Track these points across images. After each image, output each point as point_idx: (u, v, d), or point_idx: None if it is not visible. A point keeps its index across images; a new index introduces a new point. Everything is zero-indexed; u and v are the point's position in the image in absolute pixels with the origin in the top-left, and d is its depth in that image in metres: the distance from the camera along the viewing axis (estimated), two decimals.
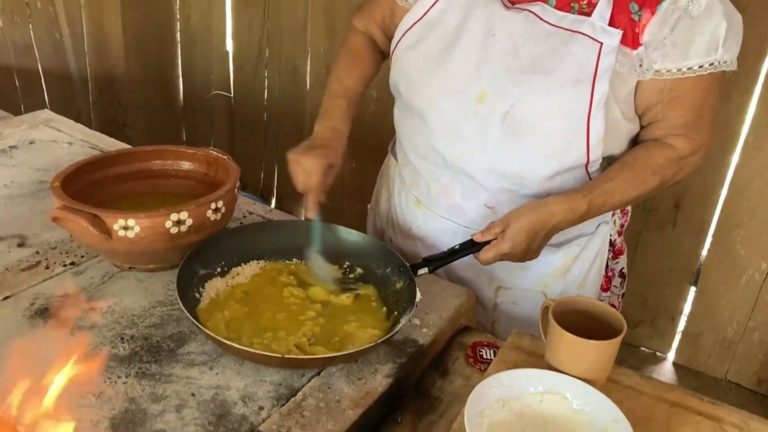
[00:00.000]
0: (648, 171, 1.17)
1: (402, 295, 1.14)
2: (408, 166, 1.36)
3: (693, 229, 2.35)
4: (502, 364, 1.02)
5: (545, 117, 1.14)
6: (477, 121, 1.18)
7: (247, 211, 1.45)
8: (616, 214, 1.36)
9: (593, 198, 1.15)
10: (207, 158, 1.35)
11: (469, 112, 1.18)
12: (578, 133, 1.13)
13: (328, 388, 1.01)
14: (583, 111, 1.11)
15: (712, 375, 2.49)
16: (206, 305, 1.11)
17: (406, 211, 1.40)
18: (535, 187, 1.21)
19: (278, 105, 3.03)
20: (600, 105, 1.10)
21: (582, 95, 1.10)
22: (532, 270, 1.31)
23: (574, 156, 1.15)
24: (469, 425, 0.84)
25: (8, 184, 1.49)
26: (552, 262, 1.31)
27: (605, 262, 1.38)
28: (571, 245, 1.31)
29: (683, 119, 1.15)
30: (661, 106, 1.14)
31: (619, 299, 1.46)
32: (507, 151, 1.18)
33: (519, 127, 1.15)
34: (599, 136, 1.13)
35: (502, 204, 1.25)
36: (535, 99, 1.13)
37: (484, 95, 1.16)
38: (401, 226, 1.41)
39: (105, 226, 1.10)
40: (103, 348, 1.04)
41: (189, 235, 1.15)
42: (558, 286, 1.34)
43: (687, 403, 0.98)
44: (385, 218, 1.50)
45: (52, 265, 1.22)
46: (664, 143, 1.18)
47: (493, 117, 1.16)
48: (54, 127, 1.78)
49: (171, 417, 0.93)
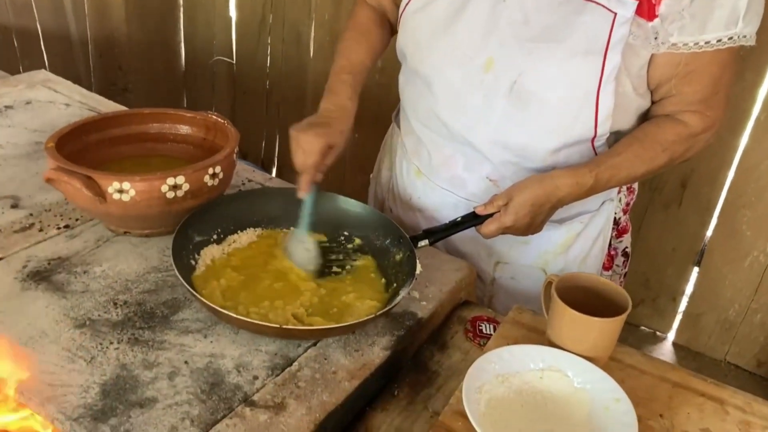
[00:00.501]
0: (658, 147, 1.14)
1: (401, 267, 1.12)
2: (411, 135, 1.33)
3: (699, 208, 2.33)
4: (502, 339, 1.00)
5: (553, 88, 1.10)
6: (483, 90, 1.15)
7: (246, 179, 1.42)
8: (622, 192, 1.33)
9: (600, 172, 1.12)
10: (206, 122, 1.32)
11: (475, 80, 1.15)
12: (586, 107, 1.09)
13: (325, 359, 0.99)
14: (592, 84, 1.07)
15: (711, 356, 2.48)
16: (202, 272, 1.09)
17: (407, 180, 1.37)
18: (539, 160, 1.17)
19: (281, 73, 2.99)
20: (610, 78, 1.07)
21: (592, 67, 1.06)
22: (533, 246, 1.29)
23: (581, 130, 1.12)
24: (467, 401, 0.82)
25: (3, 145, 1.46)
26: (553, 239, 1.29)
27: (608, 241, 1.35)
28: (573, 222, 1.28)
29: (698, 95, 1.11)
30: (675, 81, 1.10)
31: (621, 279, 1.43)
32: (512, 123, 1.15)
33: (525, 98, 1.12)
34: (608, 110, 1.10)
35: (504, 177, 1.22)
36: (543, 69, 1.09)
37: (490, 63, 1.13)
38: (401, 196, 1.39)
39: (99, 189, 1.07)
40: (95, 313, 1.02)
41: (185, 200, 1.12)
42: (558, 263, 1.31)
43: (689, 384, 0.97)
44: (385, 188, 1.47)
45: (46, 228, 1.20)
46: (676, 119, 1.14)
47: (500, 86, 1.13)
48: (51, 88, 1.75)
49: (163, 384, 0.91)
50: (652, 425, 0.89)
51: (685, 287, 2.48)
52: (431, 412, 0.97)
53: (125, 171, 1.14)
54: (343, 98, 1.21)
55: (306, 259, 1.14)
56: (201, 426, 0.86)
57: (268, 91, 3.06)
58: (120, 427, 0.84)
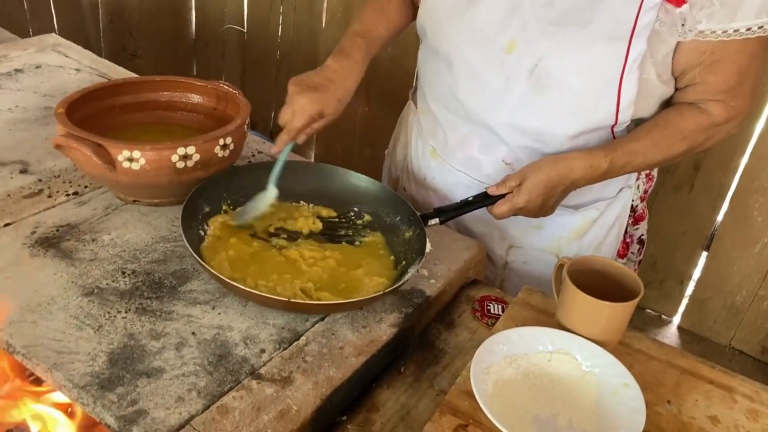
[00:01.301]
0: (677, 135, 1.11)
1: (411, 245, 1.11)
2: (427, 114, 1.31)
3: (710, 192, 2.31)
4: (510, 320, 1.00)
5: (574, 74, 1.08)
6: (503, 72, 1.12)
7: (256, 150, 1.41)
8: (641, 179, 1.30)
9: (616, 157, 1.10)
10: (217, 92, 1.30)
11: (496, 61, 1.12)
12: (608, 94, 1.07)
13: (332, 334, 0.99)
14: (615, 70, 1.05)
15: (716, 341, 2.48)
16: (210, 243, 1.08)
17: (422, 160, 1.35)
18: (556, 145, 1.15)
19: (292, 43, 2.96)
20: (635, 65, 1.04)
21: (616, 54, 1.04)
22: (546, 230, 1.27)
23: (602, 117, 1.10)
24: (475, 381, 0.82)
25: (12, 109, 1.44)
26: (568, 225, 1.27)
27: (624, 228, 1.33)
28: (589, 209, 1.27)
29: (723, 85, 1.08)
30: (699, 70, 1.07)
31: (635, 266, 1.42)
32: (531, 107, 1.13)
33: (546, 82, 1.09)
34: (631, 97, 1.07)
35: (520, 161, 1.20)
36: (565, 54, 1.07)
37: (513, 45, 1.10)
38: (416, 175, 1.37)
39: (109, 157, 1.06)
40: (103, 281, 1.01)
41: (195, 170, 1.11)
42: (572, 249, 1.30)
43: (698, 371, 0.96)
44: (400, 166, 1.45)
45: (55, 194, 1.19)
46: (699, 108, 1.11)
47: (520, 69, 1.11)
48: (61, 53, 1.73)
49: (170, 355, 0.91)
50: (659, 411, 0.88)
51: (693, 271, 2.47)
52: (437, 390, 0.97)
53: (135, 139, 1.13)
54: (351, 61, 1.17)
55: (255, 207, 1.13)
56: (207, 397, 0.86)
57: (279, 61, 3.04)
58: (127, 396, 0.84)
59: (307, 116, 1.09)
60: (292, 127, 1.10)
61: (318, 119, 1.11)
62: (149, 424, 0.81)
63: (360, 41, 1.20)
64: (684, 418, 0.88)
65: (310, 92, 1.10)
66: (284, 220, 1.17)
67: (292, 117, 1.09)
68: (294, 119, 1.09)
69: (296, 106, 1.09)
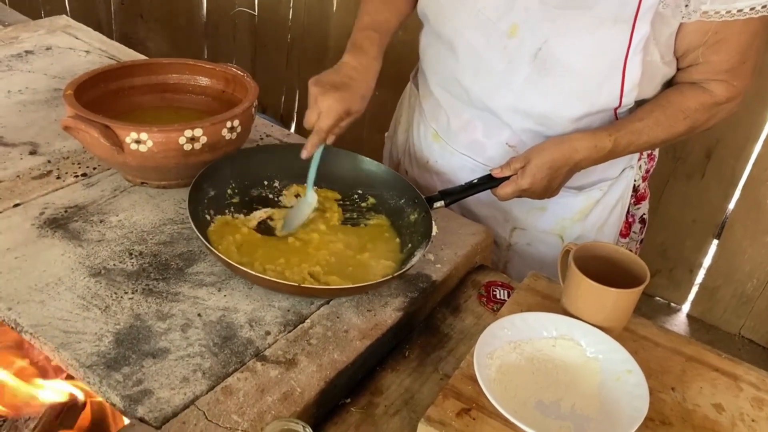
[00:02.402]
0: (680, 115, 1.11)
1: (416, 228, 1.11)
2: (429, 98, 1.31)
3: (722, 180, 2.29)
4: (515, 305, 0.99)
5: (579, 57, 1.07)
6: (506, 55, 1.12)
7: (264, 134, 1.41)
8: (642, 159, 1.31)
9: (619, 137, 1.10)
10: (225, 75, 1.30)
11: (498, 45, 1.12)
12: (613, 76, 1.07)
13: (337, 317, 0.99)
14: (620, 53, 1.04)
15: (725, 329, 2.47)
16: (217, 226, 1.09)
17: (424, 144, 1.35)
18: (560, 128, 1.15)
19: (303, 26, 2.94)
20: (639, 48, 1.03)
21: (621, 36, 1.03)
22: (550, 212, 1.27)
23: (606, 99, 1.10)
24: (478, 366, 0.82)
25: (23, 90, 1.45)
26: (571, 206, 1.27)
27: (626, 208, 1.33)
28: (593, 189, 1.26)
29: (726, 64, 1.08)
30: (703, 50, 1.07)
31: (637, 245, 1.42)
32: (535, 90, 1.12)
33: (550, 66, 1.09)
34: (635, 80, 1.07)
35: (524, 143, 1.19)
36: (569, 37, 1.06)
37: (515, 29, 1.09)
38: (418, 158, 1.37)
39: (117, 139, 1.07)
40: (110, 262, 1.02)
41: (203, 153, 1.12)
42: (575, 230, 1.30)
43: (704, 358, 0.96)
44: (402, 149, 1.45)
45: (64, 176, 1.20)
46: (701, 87, 1.11)
47: (524, 53, 1.10)
48: (72, 34, 1.73)
49: (176, 336, 0.91)
50: (663, 398, 0.88)
51: (703, 259, 2.45)
52: (441, 375, 0.97)
53: (143, 121, 1.13)
54: (369, 57, 1.16)
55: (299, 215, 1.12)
56: (212, 378, 0.86)
57: (290, 45, 3.03)
58: (132, 376, 0.85)
59: (334, 116, 1.08)
60: (320, 127, 1.08)
61: (345, 118, 1.10)
62: (154, 404, 0.82)
63: (373, 35, 1.19)
64: (688, 405, 0.88)
65: (334, 92, 1.08)
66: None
67: (320, 118, 1.08)
68: (321, 120, 1.08)
69: (322, 106, 1.08)
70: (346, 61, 1.14)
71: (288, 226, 1.12)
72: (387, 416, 0.90)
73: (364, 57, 1.15)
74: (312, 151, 1.11)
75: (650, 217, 1.42)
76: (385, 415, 0.90)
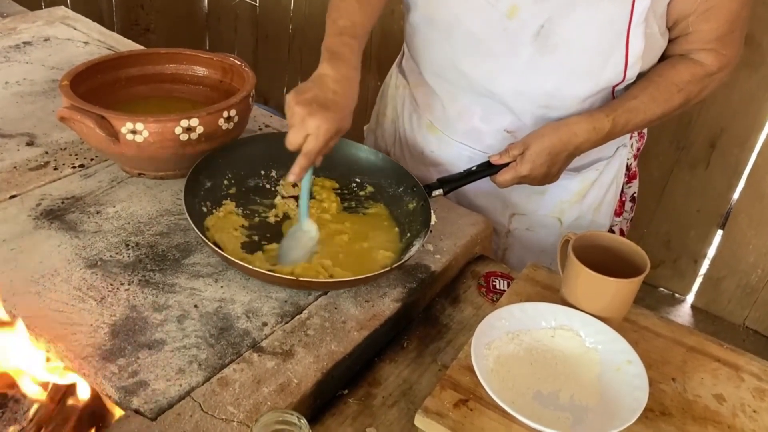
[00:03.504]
0: (673, 88, 1.11)
1: (414, 216, 1.10)
2: (421, 87, 1.29)
3: (727, 170, 2.27)
4: (514, 296, 0.99)
5: (583, 32, 1.06)
6: (506, 37, 1.10)
7: (263, 124, 1.40)
8: (633, 137, 1.31)
9: (617, 117, 1.09)
10: (223, 64, 1.29)
11: (498, 27, 1.10)
12: (616, 50, 1.06)
13: (335, 308, 0.98)
14: (622, 25, 1.03)
15: (730, 320, 2.46)
16: (214, 217, 1.08)
17: (418, 135, 1.33)
18: (564, 109, 1.14)
19: (304, 17, 2.93)
20: (641, 19, 1.03)
21: (622, 7, 1.02)
22: (548, 195, 1.27)
23: (610, 75, 1.09)
24: (476, 356, 0.81)
25: (20, 81, 1.44)
26: (569, 188, 1.27)
27: (621, 187, 1.34)
28: (589, 170, 1.26)
29: (715, 33, 1.08)
30: (693, 18, 1.06)
31: (627, 224, 1.43)
32: (538, 70, 1.11)
33: (553, 44, 1.07)
34: (638, 52, 1.06)
35: (524, 128, 1.18)
36: (572, 12, 1.05)
37: (514, 10, 1.07)
38: (412, 150, 1.35)
39: (112, 129, 1.06)
40: (107, 253, 1.01)
41: (199, 143, 1.11)
42: (574, 212, 1.30)
43: (705, 349, 0.95)
44: (390, 141, 1.42)
45: (61, 167, 1.19)
46: (691, 59, 1.11)
47: (524, 33, 1.08)
48: (70, 25, 1.72)
49: (172, 327, 0.91)
50: (663, 389, 0.87)
51: (708, 250, 2.43)
52: (440, 366, 0.96)
53: (140, 112, 1.12)
54: (350, 67, 1.04)
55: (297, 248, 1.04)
56: (208, 369, 0.86)
57: (291, 36, 3.01)
58: (128, 367, 0.84)
59: (324, 137, 0.96)
60: (310, 150, 0.96)
61: (334, 138, 1.00)
62: (150, 395, 0.81)
63: (351, 42, 1.07)
64: (689, 396, 0.87)
65: (323, 111, 0.96)
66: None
67: (308, 140, 0.96)
68: (310, 142, 0.96)
69: (310, 127, 0.95)
70: (326, 73, 1.01)
71: (285, 259, 1.03)
72: (385, 407, 0.89)
73: (345, 67, 1.03)
74: (301, 175, 0.98)
75: (654, 207, 1.41)
76: (383, 406, 0.90)
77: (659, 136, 2.26)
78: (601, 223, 1.34)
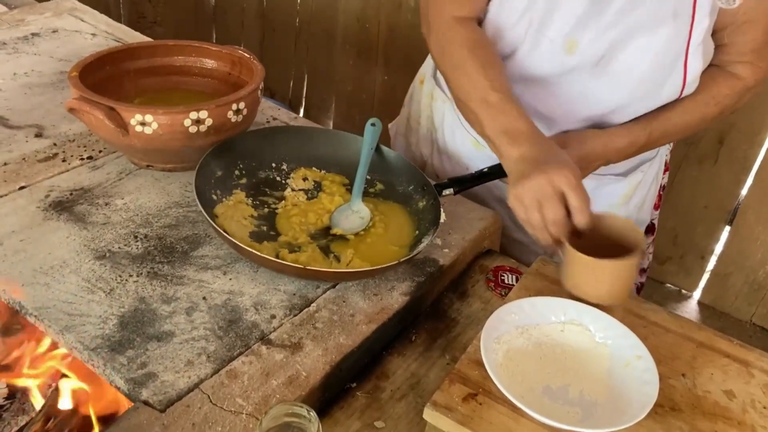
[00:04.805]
0: (711, 101, 1.10)
1: (425, 214, 1.10)
2: None
3: (735, 166, 2.26)
4: (524, 290, 0.98)
5: (641, 59, 1.04)
6: (563, 69, 1.08)
7: (271, 117, 1.40)
8: None
9: (653, 131, 1.10)
10: (231, 57, 1.28)
11: (555, 62, 1.08)
12: (675, 72, 1.05)
13: (343, 301, 0.98)
14: (681, 47, 1.03)
15: (736, 317, 2.45)
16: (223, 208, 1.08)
17: (463, 151, 1.29)
18: (615, 123, 1.14)
19: (311, 10, 2.92)
20: (699, 39, 1.02)
21: (681, 30, 1.01)
22: (596, 201, 1.24)
23: (668, 94, 1.09)
24: (485, 350, 0.81)
25: (29, 73, 1.44)
26: (617, 192, 1.26)
27: (660, 183, 1.34)
28: (636, 173, 1.26)
29: (751, 44, 1.06)
30: (729, 30, 1.05)
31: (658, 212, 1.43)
32: (595, 96, 1.10)
33: (611, 70, 1.06)
34: (697, 72, 1.06)
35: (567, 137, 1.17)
36: (631, 41, 1.03)
37: (573, 45, 1.05)
38: (455, 163, 1.32)
39: (122, 121, 1.06)
40: (115, 245, 1.01)
41: (208, 135, 1.11)
42: (621, 214, 1.28)
43: (715, 345, 0.94)
44: (428, 151, 1.37)
45: (69, 158, 1.19)
46: (728, 72, 1.10)
47: (584, 65, 1.07)
48: (78, 17, 1.72)
49: (180, 319, 0.91)
50: (673, 384, 0.87)
51: (715, 246, 2.43)
52: (448, 359, 0.96)
53: (148, 103, 1.12)
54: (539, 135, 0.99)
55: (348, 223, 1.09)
56: (217, 362, 0.86)
57: (298, 29, 3.00)
58: (137, 359, 0.84)
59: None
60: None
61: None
62: (158, 387, 0.81)
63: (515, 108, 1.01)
64: (698, 391, 0.87)
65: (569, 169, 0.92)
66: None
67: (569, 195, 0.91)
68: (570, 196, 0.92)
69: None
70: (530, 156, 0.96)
71: (336, 223, 1.08)
72: (393, 401, 0.89)
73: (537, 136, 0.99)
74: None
75: (661, 202, 1.41)
76: (391, 399, 0.89)
77: None
78: (643, 219, 1.34)
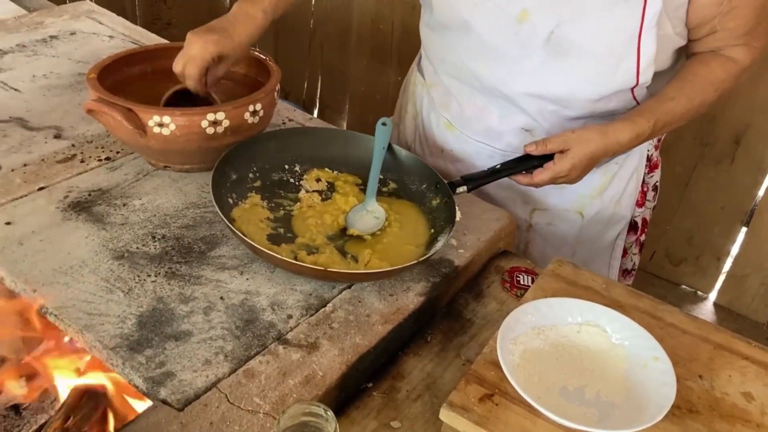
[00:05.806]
0: (709, 87, 1.11)
1: (438, 213, 1.10)
2: (438, 86, 1.29)
3: (752, 167, 2.24)
4: (540, 291, 0.98)
5: (594, 37, 1.06)
6: (517, 41, 1.10)
7: (287, 118, 1.40)
8: None
9: (657, 121, 1.10)
10: (248, 59, 1.29)
11: (509, 32, 1.10)
12: (628, 55, 1.06)
13: (359, 301, 0.99)
14: (633, 30, 1.03)
15: (753, 319, 2.43)
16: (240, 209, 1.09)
17: (437, 133, 1.33)
18: (578, 109, 1.15)
19: (325, 11, 2.93)
20: (652, 23, 1.02)
21: (633, 12, 1.02)
22: (569, 190, 1.27)
23: (623, 79, 1.09)
24: (501, 351, 0.81)
25: (47, 74, 1.46)
26: (589, 182, 1.26)
27: (642, 179, 1.34)
28: (609, 164, 1.26)
29: (743, 28, 1.08)
30: (719, 19, 1.06)
31: (650, 212, 1.43)
32: (550, 73, 1.11)
33: (564, 48, 1.07)
34: (650, 56, 1.06)
35: (541, 126, 1.19)
36: (583, 18, 1.05)
37: (525, 14, 1.07)
38: (431, 146, 1.36)
39: (140, 122, 1.07)
40: (133, 245, 1.02)
41: (225, 136, 1.11)
42: (595, 205, 1.30)
43: (733, 346, 0.94)
44: (412, 137, 1.43)
45: (88, 159, 1.20)
46: (724, 56, 1.11)
47: (536, 37, 1.08)
48: (95, 19, 1.73)
49: (198, 319, 0.92)
50: (690, 386, 0.87)
51: (731, 247, 2.41)
52: (463, 360, 0.96)
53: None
54: (256, 7, 1.12)
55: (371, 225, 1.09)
56: (234, 361, 0.87)
57: (312, 30, 3.01)
58: (155, 358, 0.85)
59: (202, 60, 1.06)
60: (188, 74, 1.07)
61: (216, 63, 1.08)
62: (176, 386, 0.82)
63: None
64: (716, 393, 0.86)
65: (205, 34, 1.07)
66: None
67: (187, 63, 1.07)
68: (189, 65, 1.07)
69: (191, 50, 1.06)
70: (232, 11, 1.12)
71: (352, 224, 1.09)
72: (409, 401, 0.90)
73: (251, 7, 1.12)
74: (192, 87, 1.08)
75: (677, 203, 1.41)
76: (407, 399, 0.90)
77: (683, 132, 2.24)
78: (622, 215, 1.34)
